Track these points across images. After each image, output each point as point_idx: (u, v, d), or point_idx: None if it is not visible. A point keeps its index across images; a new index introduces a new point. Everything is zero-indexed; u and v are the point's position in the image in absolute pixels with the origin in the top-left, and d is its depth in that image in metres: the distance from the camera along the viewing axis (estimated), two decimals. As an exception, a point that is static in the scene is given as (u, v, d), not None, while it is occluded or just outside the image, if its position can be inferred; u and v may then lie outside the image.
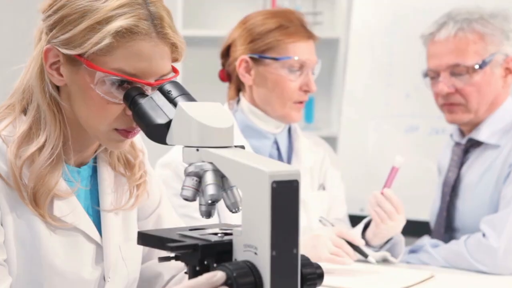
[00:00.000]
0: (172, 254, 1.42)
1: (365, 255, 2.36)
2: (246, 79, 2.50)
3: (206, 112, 1.45)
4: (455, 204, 2.70)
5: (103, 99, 1.53)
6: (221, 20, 4.04)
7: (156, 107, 1.49)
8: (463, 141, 2.70)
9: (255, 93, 2.52)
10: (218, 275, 1.32)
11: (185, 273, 1.43)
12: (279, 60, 2.46)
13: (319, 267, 1.42)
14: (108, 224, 1.65)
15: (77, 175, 1.63)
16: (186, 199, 1.43)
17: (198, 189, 1.42)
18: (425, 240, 2.61)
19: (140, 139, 1.76)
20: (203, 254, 1.38)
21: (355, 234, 2.38)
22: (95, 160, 1.68)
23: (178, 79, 1.60)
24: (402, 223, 2.45)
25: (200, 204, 1.44)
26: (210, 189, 1.41)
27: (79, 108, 1.56)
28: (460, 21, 2.64)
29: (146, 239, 1.48)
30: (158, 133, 1.47)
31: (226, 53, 2.56)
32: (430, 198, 3.33)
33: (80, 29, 1.51)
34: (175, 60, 1.60)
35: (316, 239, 2.31)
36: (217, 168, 1.41)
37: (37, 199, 1.55)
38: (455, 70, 2.63)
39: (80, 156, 1.64)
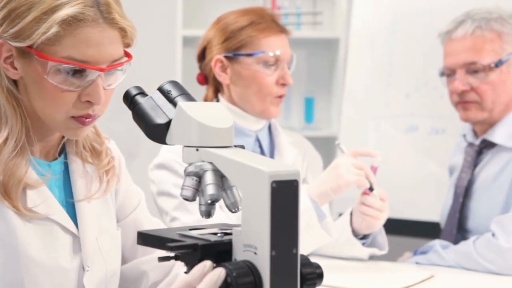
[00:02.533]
0: (172, 254, 1.42)
1: (372, 189, 2.36)
2: (223, 78, 2.51)
3: (206, 112, 1.45)
4: (468, 205, 2.69)
5: (57, 88, 1.55)
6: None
7: (156, 107, 1.49)
8: (477, 141, 2.70)
9: (233, 92, 2.53)
10: (207, 266, 1.34)
11: (185, 273, 1.43)
12: (253, 56, 2.48)
13: (318, 267, 1.41)
14: (83, 214, 1.68)
15: (48, 168, 1.65)
16: (186, 199, 1.43)
17: (198, 189, 1.43)
18: (435, 241, 2.60)
19: (114, 145, 1.81)
20: (203, 254, 1.38)
21: (367, 149, 2.42)
22: (66, 156, 1.71)
23: (178, 79, 1.61)
24: (388, 210, 2.45)
25: (200, 204, 1.44)
26: (210, 189, 1.41)
27: (35, 99, 1.59)
28: (478, 20, 2.64)
29: (146, 239, 1.48)
30: (158, 133, 1.47)
31: (202, 56, 2.58)
32: (430, 198, 3.34)
33: (27, 21, 1.53)
34: (127, 45, 1.63)
35: (337, 167, 2.33)
36: (217, 168, 1.41)
37: (8, 190, 1.57)
38: (471, 68, 2.63)
39: (45, 147, 1.67)
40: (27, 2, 1.54)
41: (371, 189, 2.35)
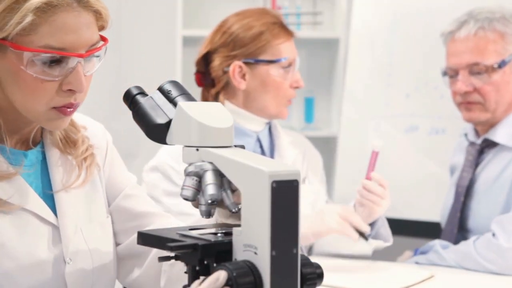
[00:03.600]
0: (172, 254, 1.42)
1: (366, 238, 2.37)
2: (240, 84, 2.51)
3: (206, 112, 1.45)
4: (469, 205, 2.69)
5: (37, 79, 1.50)
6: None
7: (156, 106, 1.49)
8: (479, 141, 2.70)
9: (247, 96, 2.53)
10: (221, 278, 1.32)
11: (185, 272, 1.43)
12: (275, 63, 2.50)
13: (319, 267, 1.42)
14: (63, 204, 1.62)
15: (23, 157, 1.60)
16: (186, 199, 1.43)
17: (198, 189, 1.43)
18: (436, 241, 2.60)
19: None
20: (203, 254, 1.38)
21: (360, 219, 2.40)
22: (44, 146, 1.66)
23: (178, 79, 1.61)
24: (390, 199, 2.45)
25: (200, 204, 1.44)
26: (210, 189, 1.41)
27: (13, 92, 1.53)
28: (481, 20, 2.64)
29: (145, 238, 1.48)
30: (158, 133, 1.47)
31: (204, 60, 2.56)
32: (430, 198, 3.34)
33: None
34: (101, 28, 1.58)
35: (322, 213, 2.38)
36: (217, 168, 1.41)
37: None
38: (474, 69, 2.63)
39: (19, 137, 1.62)
40: None
41: (364, 237, 2.37)
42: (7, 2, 1.47)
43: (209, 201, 1.41)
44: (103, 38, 1.57)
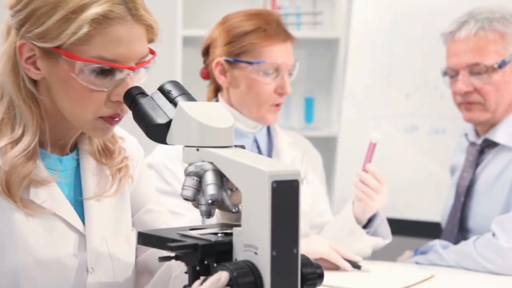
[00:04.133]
0: (172, 254, 1.42)
1: (358, 267, 2.37)
2: (222, 81, 2.51)
3: (206, 112, 1.45)
4: (469, 205, 2.69)
5: (86, 88, 1.52)
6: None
7: (156, 107, 1.49)
8: (479, 141, 2.70)
9: (232, 95, 2.52)
10: (222, 279, 1.32)
11: (185, 273, 1.43)
12: (254, 64, 2.46)
13: (319, 267, 1.42)
14: (91, 213, 1.63)
15: (58, 163, 1.62)
16: (186, 199, 1.43)
17: (198, 189, 1.42)
18: (436, 241, 2.60)
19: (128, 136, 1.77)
20: (203, 254, 1.38)
21: (349, 252, 2.38)
22: (78, 153, 1.67)
23: (178, 79, 1.61)
24: (387, 195, 2.45)
25: (200, 204, 1.44)
26: (210, 189, 1.41)
27: (62, 100, 1.56)
28: (481, 20, 2.64)
29: (146, 238, 1.48)
30: (158, 133, 1.47)
31: (206, 52, 2.57)
32: (430, 198, 3.34)
33: (54, 21, 1.50)
34: (150, 41, 1.60)
35: (312, 240, 2.37)
36: (217, 168, 1.41)
37: (10, 186, 1.54)
38: (474, 69, 2.63)
39: (58, 146, 1.64)
40: (51, 1, 1.50)
41: (357, 266, 2.37)
42: (64, 11, 1.50)
43: (210, 201, 1.41)
44: (151, 51, 1.60)
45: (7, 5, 1.57)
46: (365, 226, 2.50)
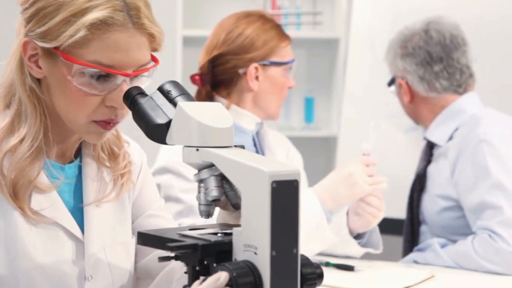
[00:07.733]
0: (172, 254, 1.42)
1: (352, 268, 2.40)
2: (254, 85, 2.54)
3: (206, 112, 1.45)
4: (421, 198, 2.81)
5: (81, 91, 1.53)
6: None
7: (156, 107, 1.49)
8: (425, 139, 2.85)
9: (254, 97, 2.56)
10: (222, 279, 1.32)
11: (185, 273, 1.43)
12: (287, 64, 2.57)
13: (319, 267, 1.42)
14: (91, 219, 1.64)
15: (61, 171, 1.63)
16: (216, 199, 1.43)
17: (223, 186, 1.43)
18: (434, 239, 2.61)
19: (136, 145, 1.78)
20: (203, 254, 1.38)
21: (373, 158, 2.45)
22: (82, 159, 1.68)
23: (178, 79, 1.61)
24: (384, 210, 2.47)
25: (199, 204, 1.44)
26: (213, 191, 1.42)
27: (58, 100, 1.57)
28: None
29: (146, 239, 1.48)
30: (158, 133, 1.47)
31: (212, 62, 2.55)
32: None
33: (55, 22, 1.51)
34: (154, 50, 1.60)
35: (351, 177, 2.38)
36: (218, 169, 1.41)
37: (17, 191, 1.55)
38: None
39: (61, 148, 1.64)
40: (56, 2, 1.51)
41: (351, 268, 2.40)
42: (66, 13, 1.50)
43: (210, 201, 1.42)
44: (154, 59, 1.60)
45: (19, 2, 1.58)
46: (357, 236, 2.51)
